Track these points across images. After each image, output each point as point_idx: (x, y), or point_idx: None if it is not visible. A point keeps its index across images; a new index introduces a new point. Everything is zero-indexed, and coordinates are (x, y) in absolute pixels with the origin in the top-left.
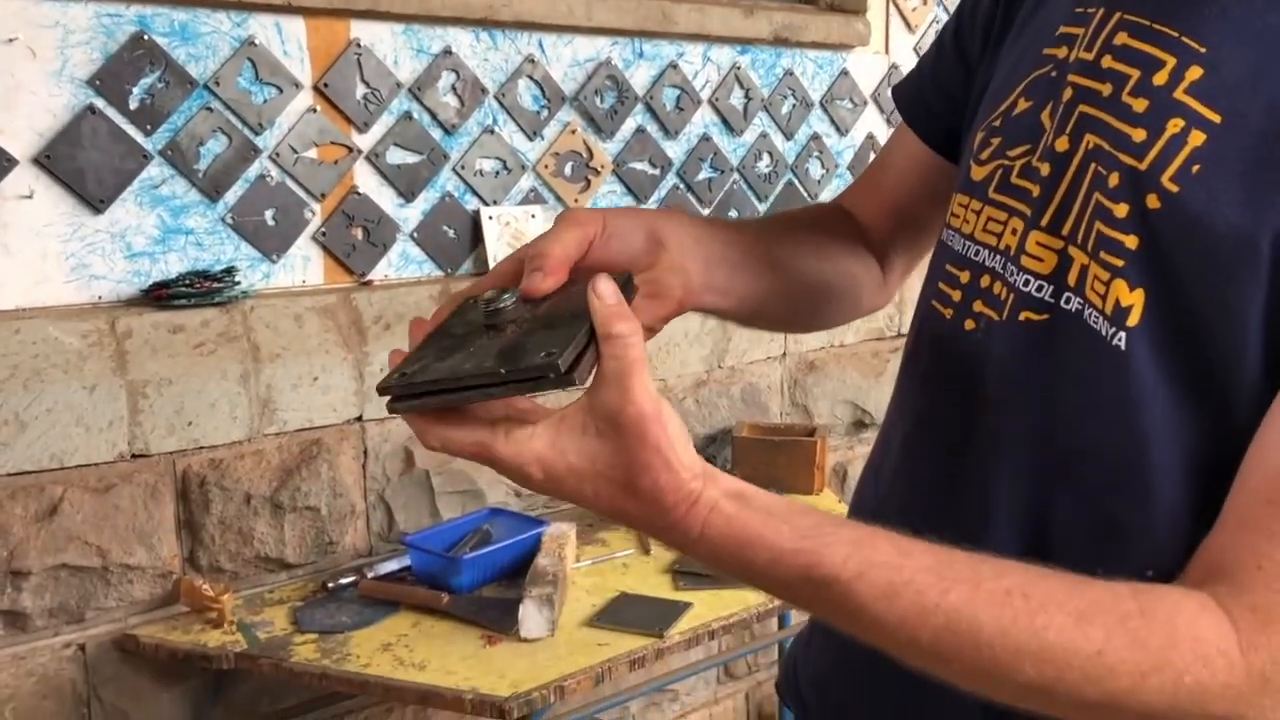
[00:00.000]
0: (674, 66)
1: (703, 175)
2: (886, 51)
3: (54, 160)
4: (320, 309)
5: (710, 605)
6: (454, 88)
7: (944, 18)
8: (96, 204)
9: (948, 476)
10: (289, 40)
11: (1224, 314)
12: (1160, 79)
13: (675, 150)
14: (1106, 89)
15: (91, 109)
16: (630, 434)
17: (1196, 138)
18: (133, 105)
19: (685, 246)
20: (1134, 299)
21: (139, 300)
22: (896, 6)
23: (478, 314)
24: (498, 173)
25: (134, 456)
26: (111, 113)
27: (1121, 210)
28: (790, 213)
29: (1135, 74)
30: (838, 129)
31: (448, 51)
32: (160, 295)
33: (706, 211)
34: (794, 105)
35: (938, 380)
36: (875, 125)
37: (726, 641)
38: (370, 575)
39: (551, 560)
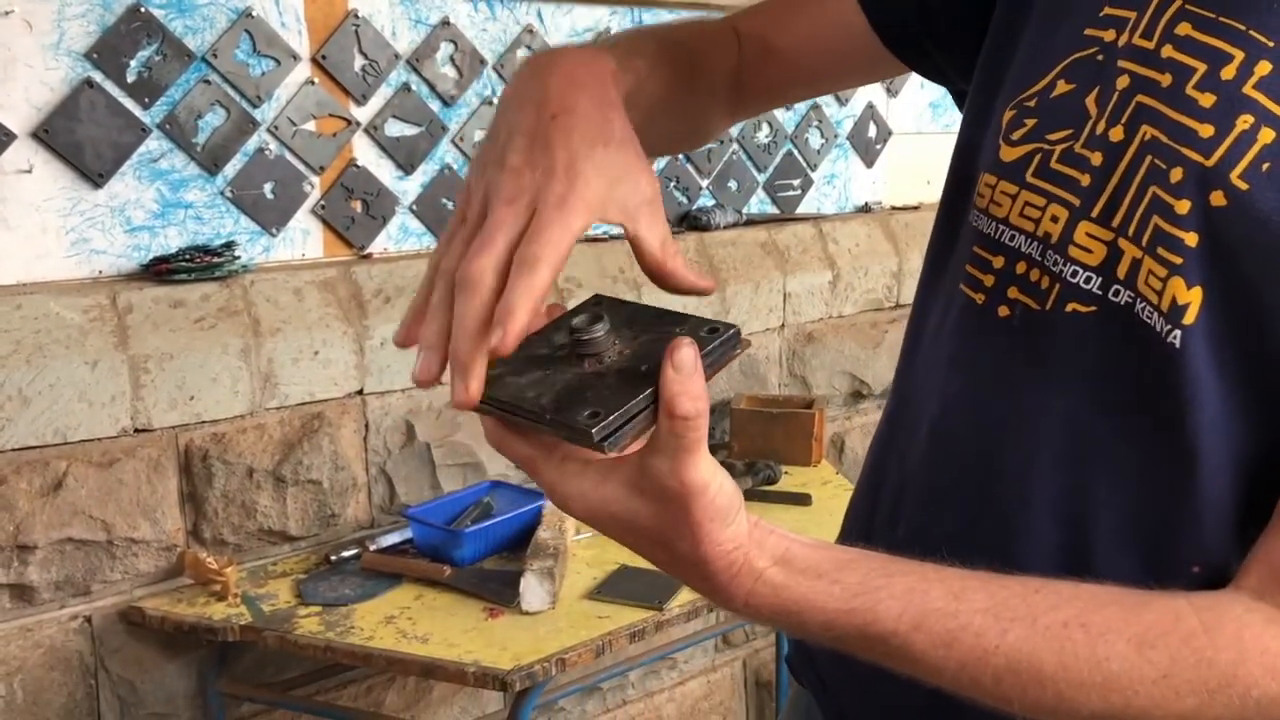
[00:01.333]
0: None
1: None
2: None
3: (52, 134)
4: (320, 283)
5: None
6: (452, 59)
7: None
8: (95, 178)
9: (984, 462)
10: (286, 12)
11: None
12: (1228, 73)
13: None
14: (1167, 80)
15: (89, 82)
16: (674, 505)
17: (1266, 135)
18: (130, 78)
19: (610, 208)
20: (1191, 297)
21: (139, 275)
22: None
23: (567, 345)
24: None
25: (137, 431)
26: (109, 86)
27: (1183, 206)
28: (674, 27)
29: (1201, 67)
30: (837, 99)
31: (446, 22)
32: (161, 270)
33: (705, 182)
34: None
35: (970, 366)
36: (875, 95)
37: (725, 613)
38: (372, 548)
39: (552, 533)
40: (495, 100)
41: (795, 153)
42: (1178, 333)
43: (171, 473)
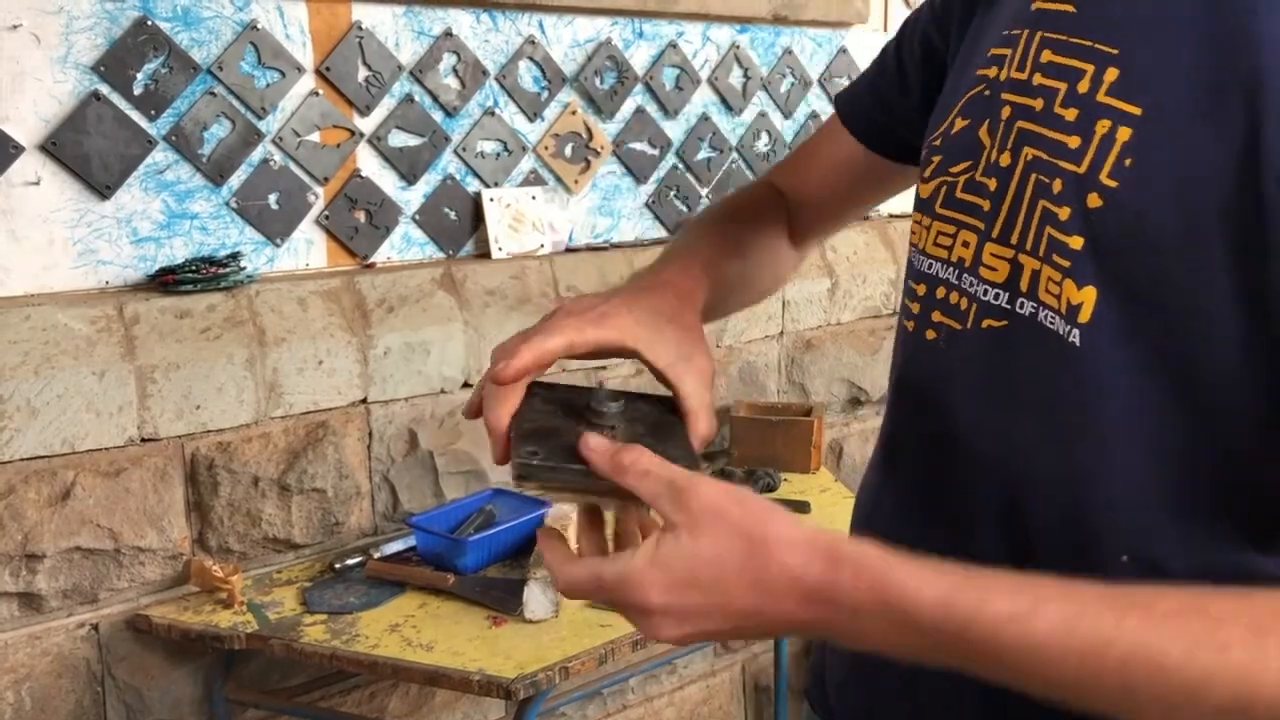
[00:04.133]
0: (673, 46)
1: (702, 155)
2: (885, 29)
3: (60, 147)
4: (324, 292)
5: None
6: (455, 70)
7: None
8: (102, 190)
9: (930, 481)
10: (291, 24)
11: (1179, 295)
12: (1084, 86)
13: (674, 130)
14: (1039, 104)
15: (96, 95)
16: (712, 525)
17: (1124, 133)
18: (137, 91)
19: (656, 349)
20: (1084, 296)
21: (145, 285)
22: None
23: (585, 407)
24: (499, 154)
25: (143, 440)
26: (116, 98)
27: (1065, 213)
28: (730, 209)
29: (1063, 86)
30: None
31: (449, 33)
32: (167, 281)
33: (705, 191)
34: (793, 84)
35: (908, 390)
36: None
37: None
38: (376, 556)
39: None
40: (497, 110)
41: None
42: (1076, 332)
43: (178, 482)
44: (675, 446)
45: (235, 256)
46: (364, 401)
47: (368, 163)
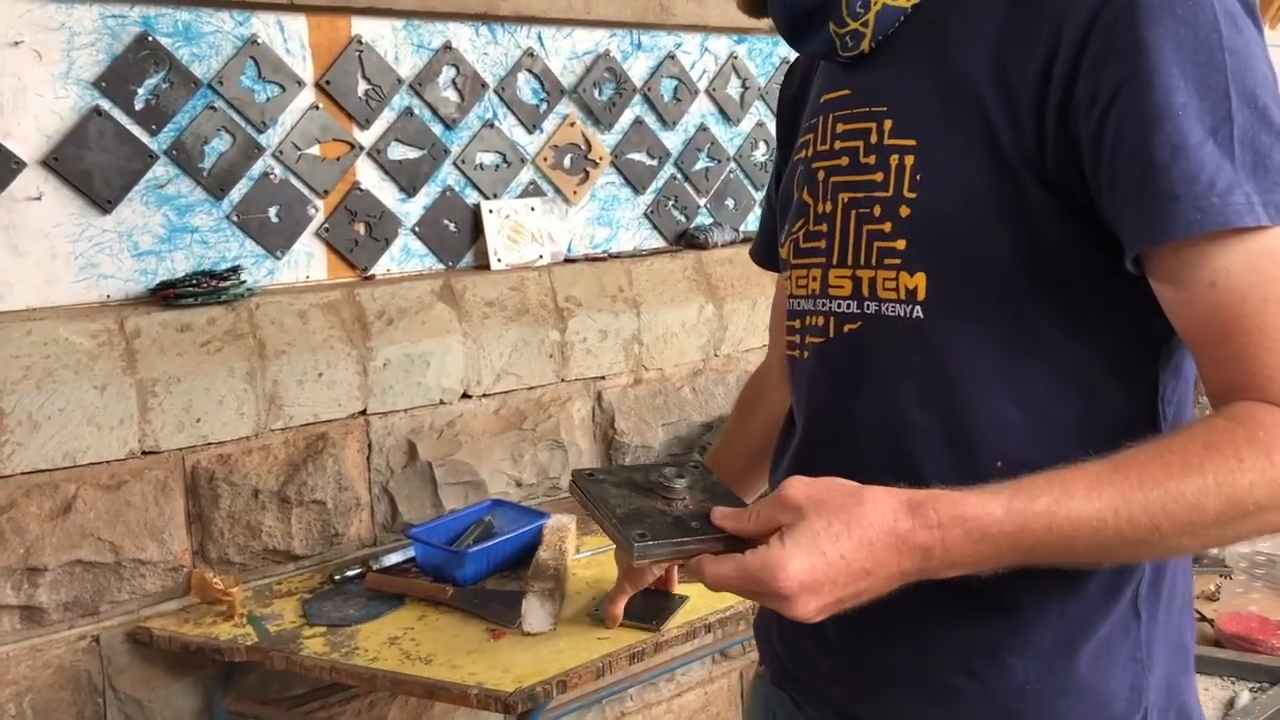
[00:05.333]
0: (671, 57)
1: (700, 165)
2: None
3: (62, 162)
4: (324, 305)
5: (706, 598)
6: (454, 82)
7: None
8: (104, 204)
9: (832, 465)
10: (291, 38)
11: (987, 256)
12: (874, 138)
13: (673, 140)
14: (844, 160)
15: (98, 110)
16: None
17: (909, 160)
18: (138, 106)
19: None
20: (917, 281)
21: (146, 299)
22: None
23: (655, 484)
24: (498, 166)
25: (144, 453)
26: (117, 114)
27: (887, 227)
28: (737, 422)
29: (859, 143)
30: None
31: (448, 46)
32: (168, 295)
33: (703, 201)
34: None
35: (801, 403)
36: None
37: (723, 630)
38: (376, 567)
39: (553, 553)
40: (496, 123)
41: None
42: (918, 308)
43: (178, 494)
44: (729, 503)
45: (235, 270)
46: (363, 413)
47: (367, 175)
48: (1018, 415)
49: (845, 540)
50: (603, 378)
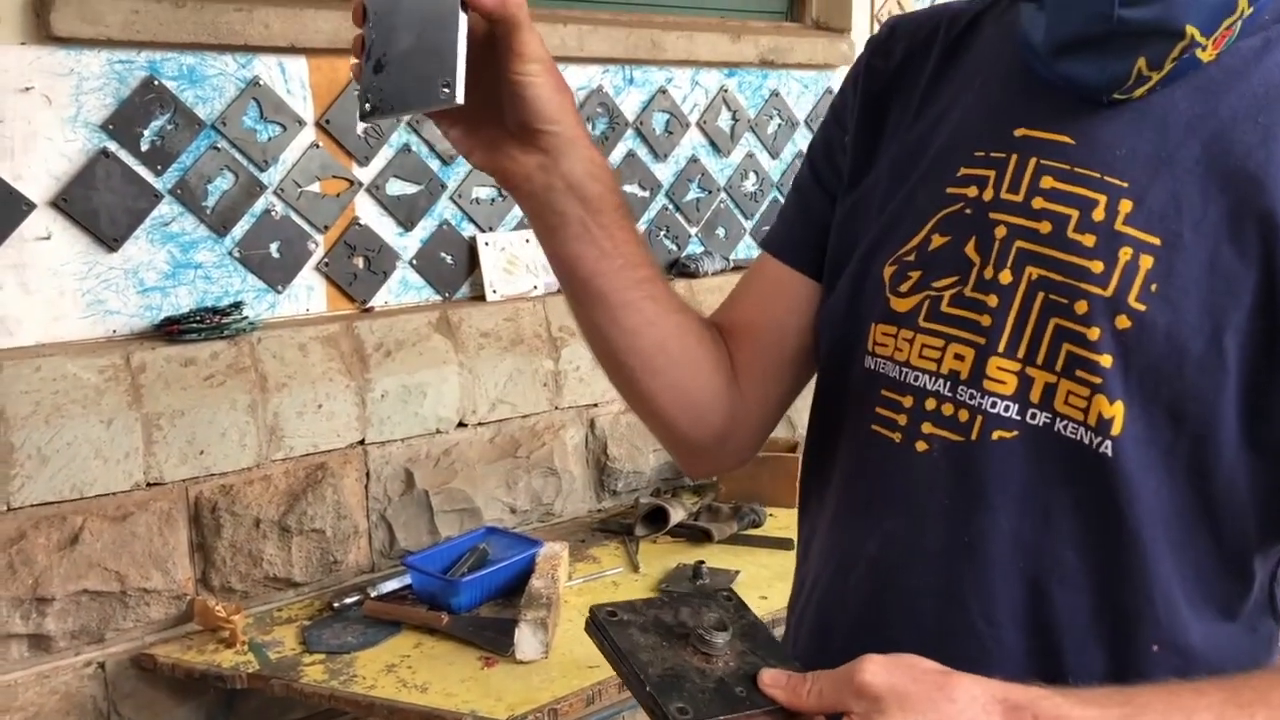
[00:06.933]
0: (663, 92)
1: (691, 195)
2: None
3: (70, 202)
4: (324, 338)
5: None
6: None
7: None
8: (110, 243)
9: (941, 591)
10: (292, 79)
11: (1199, 407)
12: (1099, 215)
13: (664, 172)
14: (1045, 227)
15: (105, 152)
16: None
17: (1146, 261)
18: (144, 147)
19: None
20: (1115, 410)
21: (151, 334)
22: (880, 24)
23: (689, 634)
24: (493, 200)
25: (149, 485)
26: (124, 155)
27: (1094, 333)
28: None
29: (1074, 213)
30: None
31: None
32: (172, 330)
33: (694, 230)
34: (780, 125)
35: (903, 501)
36: None
37: None
38: (373, 594)
39: (545, 581)
40: None
41: (781, 200)
42: (1108, 443)
43: (182, 524)
44: (774, 654)
45: (237, 305)
46: (362, 443)
47: (366, 211)
48: (1184, 604)
49: None
50: (595, 405)
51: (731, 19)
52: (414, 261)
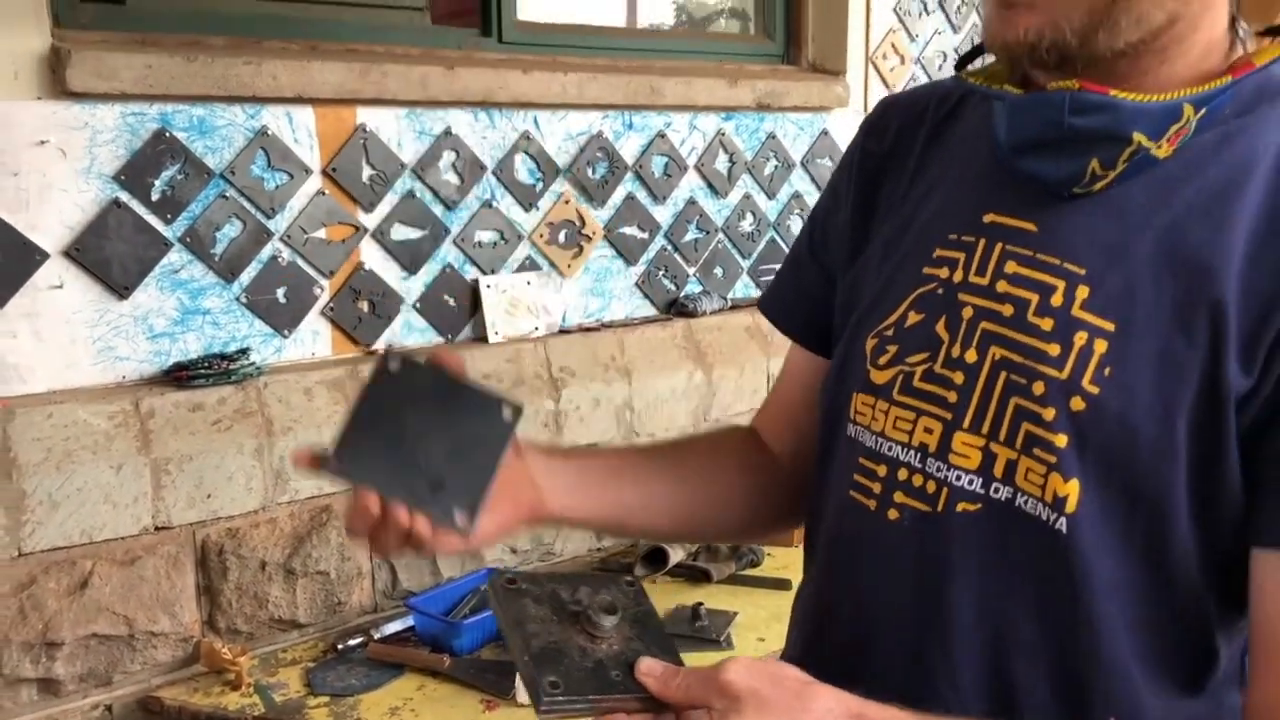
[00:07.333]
0: (662, 136)
1: (689, 236)
2: (866, 110)
3: (82, 252)
4: (329, 382)
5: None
6: (454, 165)
7: (922, 76)
8: (121, 290)
9: (909, 655)
10: (299, 128)
11: (1153, 488)
12: (1057, 300)
13: (663, 214)
14: (1008, 310)
15: (117, 203)
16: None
17: (1100, 345)
18: (154, 197)
19: (541, 470)
20: (1069, 489)
21: (160, 379)
22: (875, 67)
23: (578, 615)
24: (495, 243)
25: (157, 529)
26: (135, 205)
27: (1049, 414)
28: (689, 435)
29: (1035, 297)
30: (818, 187)
31: (448, 132)
32: (180, 376)
33: (693, 270)
34: (776, 166)
35: (875, 567)
36: None
37: None
38: (377, 636)
39: None
40: (494, 202)
41: (778, 239)
42: (1063, 520)
43: (189, 568)
44: (659, 645)
45: (244, 351)
46: None
47: (371, 255)
48: (1141, 677)
49: None
50: (595, 444)
51: (728, 63)
52: (418, 304)
